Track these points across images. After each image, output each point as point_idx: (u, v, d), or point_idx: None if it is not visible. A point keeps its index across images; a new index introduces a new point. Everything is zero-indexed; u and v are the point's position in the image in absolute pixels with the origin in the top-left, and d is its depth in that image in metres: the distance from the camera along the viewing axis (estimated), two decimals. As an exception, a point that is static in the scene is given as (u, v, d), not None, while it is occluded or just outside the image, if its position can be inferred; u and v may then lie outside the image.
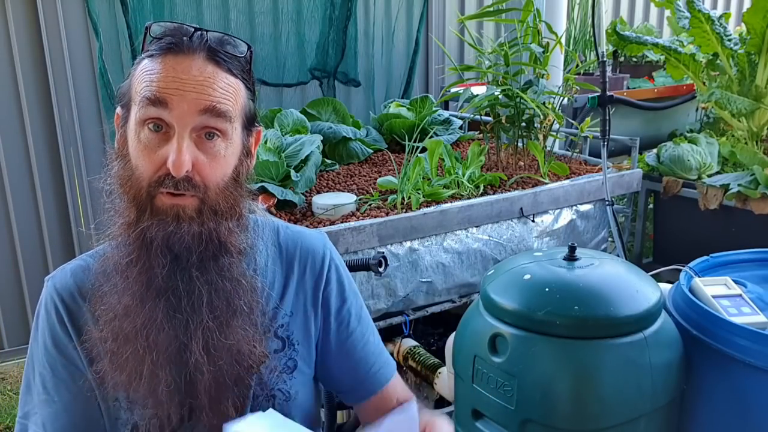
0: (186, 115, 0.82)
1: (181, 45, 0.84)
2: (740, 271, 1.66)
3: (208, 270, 0.86)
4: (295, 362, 1.01)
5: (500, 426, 1.36)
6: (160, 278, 0.84)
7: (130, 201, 0.85)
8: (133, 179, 0.84)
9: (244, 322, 0.90)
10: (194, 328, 0.86)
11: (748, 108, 2.74)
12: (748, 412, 1.32)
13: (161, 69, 0.83)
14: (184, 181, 0.83)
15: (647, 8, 5.13)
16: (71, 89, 2.94)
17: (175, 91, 0.81)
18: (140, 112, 0.83)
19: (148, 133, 0.83)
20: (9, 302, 3.00)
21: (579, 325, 1.28)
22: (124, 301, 0.86)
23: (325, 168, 2.52)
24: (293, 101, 3.31)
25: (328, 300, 1.04)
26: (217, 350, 0.87)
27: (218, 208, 0.86)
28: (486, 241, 2.11)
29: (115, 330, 0.86)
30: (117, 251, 0.87)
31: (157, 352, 0.85)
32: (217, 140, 0.85)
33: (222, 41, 0.86)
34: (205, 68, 0.84)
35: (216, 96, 0.83)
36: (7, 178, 2.88)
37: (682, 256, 1.76)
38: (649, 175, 2.83)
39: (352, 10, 3.34)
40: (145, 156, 0.83)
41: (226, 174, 0.87)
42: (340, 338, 1.05)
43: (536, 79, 2.41)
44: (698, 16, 2.85)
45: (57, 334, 0.94)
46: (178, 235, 0.83)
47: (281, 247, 1.04)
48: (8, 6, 2.76)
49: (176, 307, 0.85)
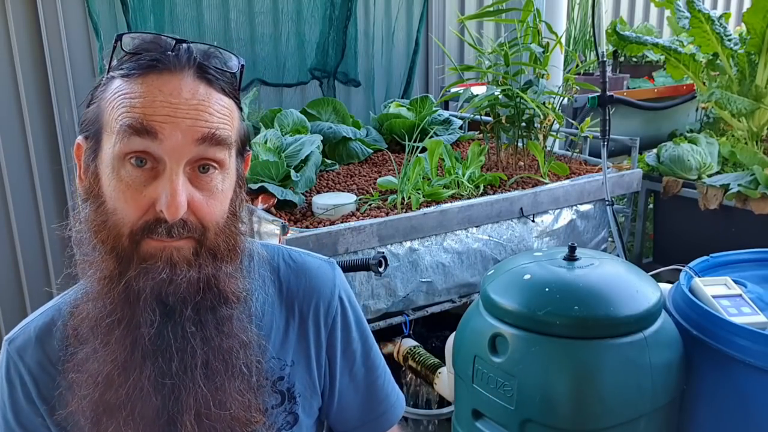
0: (180, 147, 0.69)
1: (166, 61, 0.71)
2: (740, 271, 1.66)
3: (205, 325, 0.74)
4: (296, 416, 0.90)
5: (500, 426, 1.36)
6: (146, 338, 0.72)
7: (108, 252, 0.72)
8: (111, 226, 0.71)
9: (242, 386, 0.79)
10: (185, 396, 0.74)
11: (748, 108, 2.74)
12: (748, 412, 1.32)
13: (144, 91, 0.69)
14: (178, 226, 0.70)
15: (647, 8, 5.13)
16: (71, 89, 2.94)
17: (166, 117, 0.68)
18: (120, 144, 0.69)
19: (130, 170, 0.69)
20: (9, 302, 3.00)
21: (579, 325, 1.28)
22: (105, 369, 0.73)
23: (325, 168, 2.52)
24: (293, 101, 3.31)
25: (334, 342, 0.94)
26: (210, 420, 0.76)
27: (217, 250, 0.75)
28: (486, 241, 2.11)
29: (94, 402, 0.74)
30: (94, 308, 0.74)
31: (144, 427, 0.74)
32: (214, 173, 0.73)
33: (209, 55, 0.74)
34: (197, 89, 0.71)
35: (214, 121, 0.71)
36: (7, 178, 2.88)
37: (682, 256, 1.76)
38: (649, 175, 2.82)
39: (352, 10, 3.34)
40: (128, 197, 0.70)
41: (224, 210, 0.76)
42: (344, 380, 0.96)
43: (536, 79, 2.41)
44: (698, 16, 2.85)
45: (22, 411, 0.81)
46: (174, 284, 0.71)
47: (281, 286, 0.91)
48: (8, 6, 2.76)
49: (165, 371, 0.73)
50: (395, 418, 1.02)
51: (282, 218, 1.96)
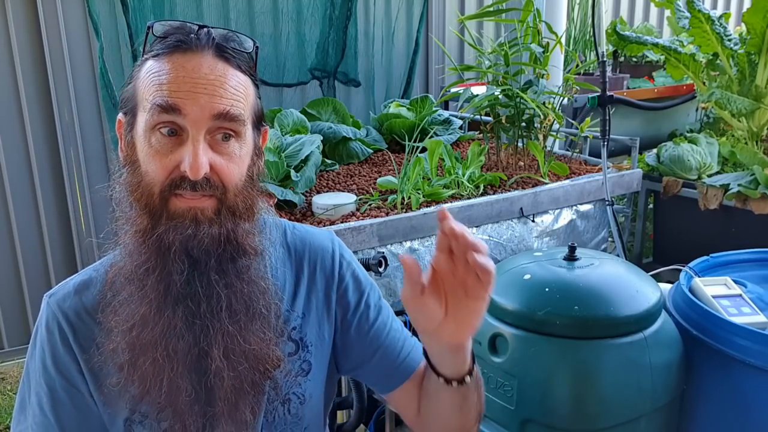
0: (199, 119, 0.80)
1: (189, 42, 0.82)
2: (740, 271, 1.66)
3: (226, 273, 0.84)
4: (309, 364, 0.99)
5: (500, 426, 1.36)
6: (178, 285, 0.82)
7: (142, 208, 0.82)
8: (144, 185, 0.82)
9: (263, 326, 0.88)
10: (214, 334, 0.84)
11: (748, 108, 2.74)
12: (748, 412, 1.33)
13: (170, 69, 0.80)
14: (202, 183, 0.81)
15: (647, 8, 5.13)
16: (71, 89, 2.94)
17: (187, 93, 0.79)
18: (152, 118, 0.80)
19: (160, 138, 0.81)
20: (9, 302, 3.00)
21: (579, 325, 1.28)
22: (141, 310, 0.83)
23: (325, 168, 2.52)
24: (293, 101, 3.31)
25: (345, 297, 1.02)
26: (236, 355, 0.85)
27: (236, 209, 0.85)
28: (486, 241, 2.11)
29: (131, 341, 0.84)
30: (130, 260, 0.84)
31: (177, 361, 0.83)
32: (232, 141, 0.84)
33: (227, 37, 0.85)
34: (216, 66, 0.82)
35: (228, 98, 0.82)
36: (7, 178, 2.88)
37: (682, 256, 1.76)
38: (649, 175, 2.82)
39: (352, 10, 3.34)
40: (156, 160, 0.81)
41: (242, 174, 0.86)
42: (362, 332, 1.02)
43: (536, 79, 2.41)
44: (698, 16, 2.85)
45: (59, 355, 0.90)
46: (198, 239, 0.81)
47: (290, 248, 1.02)
48: (8, 6, 2.76)
49: (195, 312, 0.83)
50: (420, 358, 1.03)
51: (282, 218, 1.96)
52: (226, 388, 0.85)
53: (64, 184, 3.01)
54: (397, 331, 1.05)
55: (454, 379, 0.90)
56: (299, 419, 0.97)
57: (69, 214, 3.05)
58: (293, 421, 0.97)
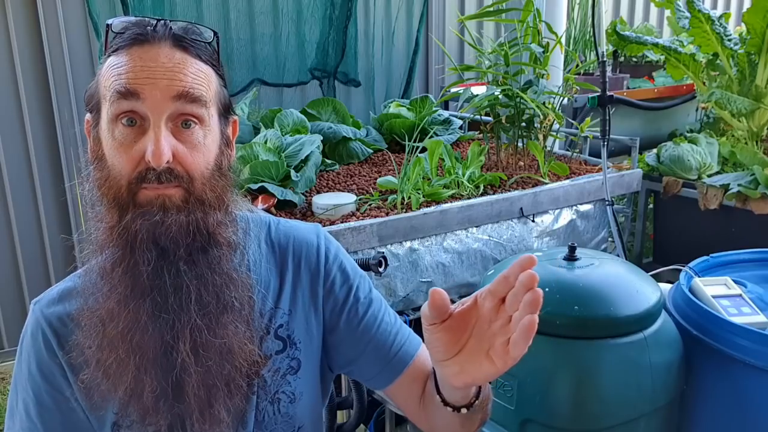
0: (159, 103, 0.79)
1: (146, 35, 0.81)
2: (740, 271, 1.66)
3: (196, 263, 0.82)
4: (298, 362, 0.97)
5: (500, 426, 1.36)
6: (145, 276, 0.80)
7: (111, 203, 0.82)
8: (111, 179, 0.81)
9: (235, 319, 0.86)
10: (181, 327, 0.82)
11: (748, 108, 2.74)
12: (748, 412, 1.33)
13: (128, 61, 0.80)
14: (166, 173, 0.79)
15: (647, 8, 5.13)
16: (71, 89, 2.94)
17: (146, 80, 0.79)
18: (112, 108, 0.80)
19: (122, 129, 0.80)
20: (9, 302, 3.00)
21: (579, 325, 1.28)
22: (108, 305, 0.82)
23: (325, 168, 2.52)
24: (293, 101, 3.31)
25: (332, 292, 0.99)
26: (205, 350, 0.83)
27: (205, 198, 0.83)
28: (486, 241, 2.11)
29: (98, 335, 0.83)
30: (102, 257, 0.83)
31: (141, 356, 0.81)
32: (195, 128, 0.82)
33: (187, 29, 0.84)
34: (173, 55, 0.81)
35: (188, 81, 0.81)
36: (7, 178, 2.88)
37: (682, 256, 1.77)
38: (649, 175, 2.82)
39: (352, 10, 3.34)
40: (121, 152, 0.80)
41: (208, 163, 0.84)
42: (351, 326, 0.99)
43: (536, 79, 2.41)
44: (698, 16, 2.85)
45: (44, 361, 0.90)
46: (165, 225, 0.79)
47: (273, 244, 1.00)
48: (8, 6, 2.76)
49: (162, 306, 0.81)
50: (414, 349, 1.01)
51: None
52: (195, 383, 0.83)
53: (63, 184, 3.01)
54: (388, 323, 1.01)
55: (458, 406, 0.86)
56: (290, 418, 0.96)
57: (69, 214, 3.05)
58: (284, 420, 0.95)
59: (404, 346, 1.00)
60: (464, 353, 0.74)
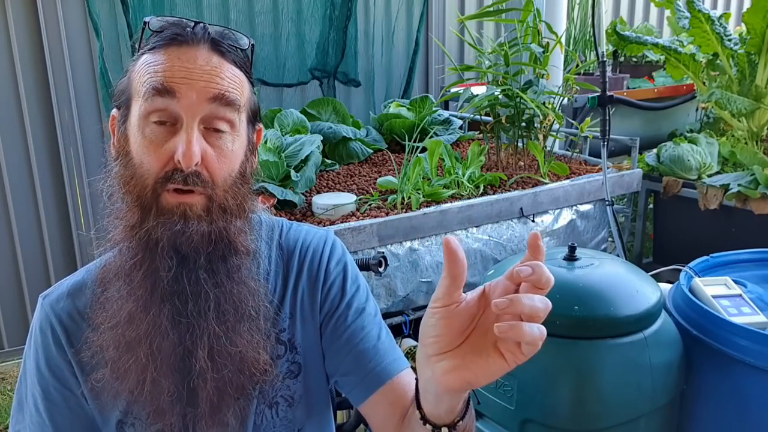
0: (195, 105, 0.79)
1: (185, 36, 0.82)
2: (740, 271, 1.66)
3: (216, 272, 0.82)
4: (299, 366, 0.95)
5: (500, 426, 1.36)
6: (165, 282, 0.80)
7: (133, 201, 0.81)
8: (137, 177, 0.80)
9: (251, 328, 0.86)
10: (200, 334, 0.82)
11: (748, 108, 2.74)
12: (748, 412, 1.33)
13: (166, 59, 0.80)
14: (193, 176, 0.79)
15: (647, 8, 5.13)
16: (71, 89, 2.94)
17: (183, 79, 0.79)
18: (145, 104, 0.79)
19: (153, 127, 0.80)
20: (9, 302, 3.00)
21: (579, 325, 1.28)
22: (128, 307, 0.82)
23: (325, 168, 2.52)
24: (293, 101, 3.31)
25: (328, 297, 0.97)
26: (222, 357, 0.83)
27: (227, 205, 0.83)
28: (486, 241, 2.11)
29: (117, 337, 0.82)
30: (119, 256, 0.83)
31: (161, 360, 0.81)
32: (225, 134, 0.83)
33: (224, 34, 0.85)
34: (211, 58, 0.82)
35: (224, 84, 0.81)
36: (7, 178, 2.88)
37: (682, 256, 1.77)
38: (649, 175, 2.83)
39: (352, 10, 3.34)
40: (150, 151, 0.79)
41: (233, 170, 0.84)
42: (337, 333, 0.96)
43: (536, 79, 2.41)
44: (698, 16, 2.85)
45: (52, 357, 0.90)
46: (186, 235, 0.79)
47: (282, 248, 0.99)
48: (8, 6, 2.76)
49: (182, 311, 0.81)
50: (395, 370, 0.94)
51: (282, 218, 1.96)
52: (209, 389, 0.84)
53: (64, 184, 3.01)
54: (373, 338, 0.96)
55: (439, 425, 0.76)
56: (289, 422, 0.95)
57: (69, 214, 3.05)
58: (282, 424, 0.94)
59: (386, 364, 0.94)
60: (467, 345, 0.66)
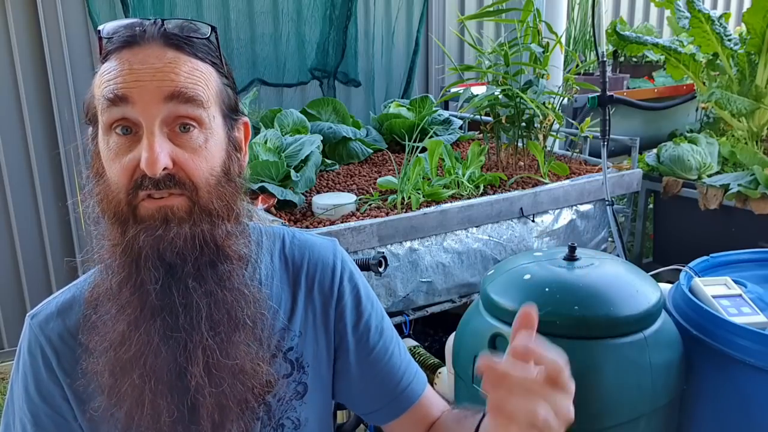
0: (150, 107, 0.73)
1: (134, 37, 0.76)
2: (740, 271, 1.66)
3: (205, 279, 0.78)
4: (305, 387, 0.92)
5: (500, 426, 1.36)
6: (153, 295, 0.76)
7: (112, 218, 0.77)
8: (110, 193, 0.76)
9: (247, 338, 0.82)
10: (193, 348, 0.77)
11: (748, 108, 2.74)
12: (748, 412, 1.32)
13: (117, 65, 0.75)
14: (165, 180, 0.74)
15: (647, 8, 5.13)
16: (71, 89, 2.94)
17: (135, 83, 0.74)
18: (104, 117, 0.76)
19: (116, 138, 0.75)
20: (9, 302, 3.00)
21: (579, 325, 1.28)
22: (119, 328, 0.78)
23: (325, 168, 2.52)
24: (293, 101, 3.31)
25: (343, 316, 0.94)
26: (218, 370, 0.79)
27: (211, 207, 0.78)
28: (486, 241, 2.11)
29: (110, 361, 0.78)
30: (107, 275, 0.79)
31: (156, 380, 0.77)
32: (194, 131, 0.76)
33: (182, 26, 0.79)
34: (165, 54, 0.76)
35: (180, 80, 0.75)
36: (7, 178, 2.88)
37: (682, 256, 1.76)
38: (649, 175, 2.82)
39: (352, 10, 3.35)
40: (116, 163, 0.75)
41: (213, 169, 0.78)
42: (360, 355, 0.94)
43: (536, 79, 2.41)
44: (698, 16, 2.85)
45: (42, 381, 0.85)
46: (168, 239, 0.74)
47: (287, 260, 0.94)
48: (8, 6, 2.76)
49: (173, 325, 0.77)
50: (421, 389, 0.97)
51: (282, 218, 1.96)
52: (209, 405, 0.80)
53: (63, 184, 3.01)
54: (398, 357, 0.96)
55: None
56: None
57: (69, 214, 3.05)
58: None
59: (412, 384, 0.96)
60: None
